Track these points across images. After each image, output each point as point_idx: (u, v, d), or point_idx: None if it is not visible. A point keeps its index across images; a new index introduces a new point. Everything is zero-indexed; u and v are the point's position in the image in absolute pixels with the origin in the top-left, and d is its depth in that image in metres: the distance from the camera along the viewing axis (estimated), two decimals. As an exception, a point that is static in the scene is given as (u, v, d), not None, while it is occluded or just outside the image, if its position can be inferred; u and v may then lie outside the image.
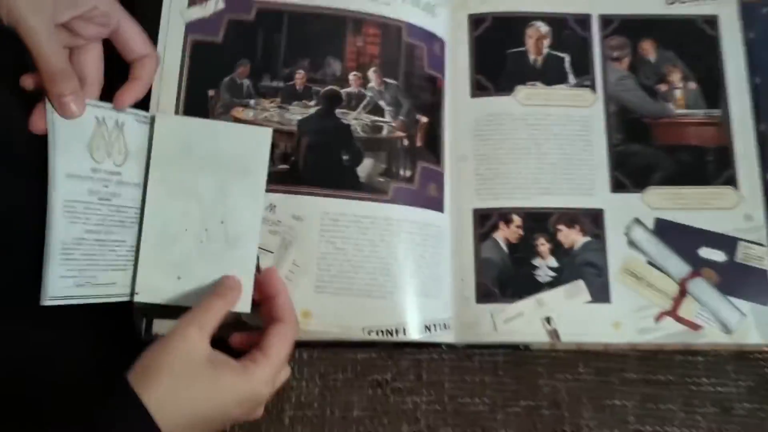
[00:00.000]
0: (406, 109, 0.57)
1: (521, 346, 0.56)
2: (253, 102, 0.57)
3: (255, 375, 0.46)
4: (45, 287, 0.46)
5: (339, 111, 0.57)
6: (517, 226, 0.57)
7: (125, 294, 0.51)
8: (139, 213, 0.51)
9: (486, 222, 0.57)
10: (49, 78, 0.46)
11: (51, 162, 0.47)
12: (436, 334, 0.54)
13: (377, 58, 0.57)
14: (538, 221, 0.57)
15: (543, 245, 0.57)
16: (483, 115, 0.59)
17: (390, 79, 0.57)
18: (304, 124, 0.56)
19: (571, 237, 0.57)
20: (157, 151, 0.52)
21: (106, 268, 0.50)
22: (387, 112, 0.57)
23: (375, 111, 0.57)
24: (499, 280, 0.56)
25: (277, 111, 0.56)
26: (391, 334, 0.53)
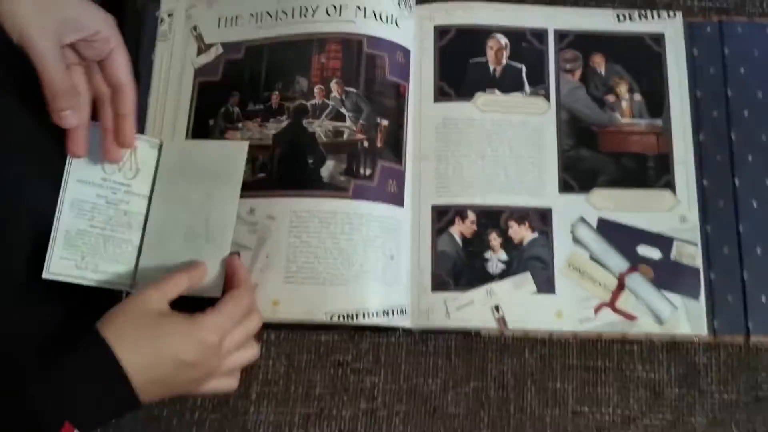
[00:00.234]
0: (366, 113, 0.62)
1: (473, 333, 0.61)
2: (240, 125, 0.63)
3: (201, 320, 0.51)
4: (47, 263, 0.55)
5: (305, 121, 0.62)
6: (472, 222, 0.62)
7: (126, 285, 0.58)
8: (144, 219, 0.60)
9: (443, 217, 0.62)
10: (53, 95, 0.51)
11: (66, 168, 0.57)
12: (393, 318, 0.59)
13: (339, 71, 0.62)
14: (491, 218, 0.62)
15: (495, 240, 0.62)
16: (444, 119, 0.64)
17: (351, 88, 0.62)
18: (278, 137, 0.62)
19: (521, 233, 0.62)
20: (162, 169, 0.61)
21: (109, 260, 0.58)
22: (348, 118, 0.62)
23: (337, 117, 0.62)
24: (453, 271, 0.61)
25: (257, 129, 0.63)
26: (352, 318, 0.58)
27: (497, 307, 0.60)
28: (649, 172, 0.64)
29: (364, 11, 0.63)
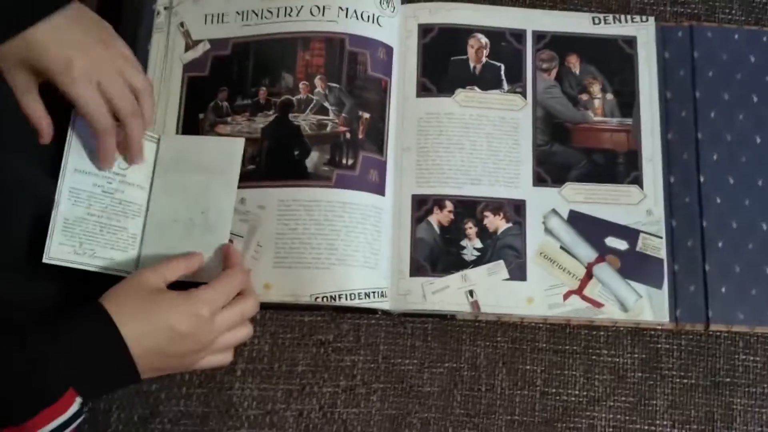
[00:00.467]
0: (348, 107, 0.65)
1: (448, 316, 0.64)
2: (230, 119, 0.66)
3: (194, 294, 0.54)
4: (47, 249, 0.58)
5: (291, 115, 0.65)
6: (449, 211, 0.65)
7: (125, 271, 0.61)
8: (140, 208, 0.63)
9: (423, 206, 0.65)
10: (98, 134, 0.58)
11: (64, 158, 0.60)
12: (373, 301, 0.62)
13: (322, 67, 0.66)
14: (468, 208, 0.65)
15: (470, 229, 0.65)
16: (426, 113, 0.67)
17: (334, 83, 0.66)
18: (266, 131, 0.65)
19: (496, 223, 0.65)
20: (160, 162, 0.64)
21: (105, 246, 0.60)
22: (331, 111, 0.65)
23: (321, 111, 0.65)
24: (430, 257, 0.64)
25: (246, 123, 0.66)
26: (334, 300, 0.61)
27: (471, 292, 0.63)
28: (619, 167, 0.67)
29: (346, 11, 0.66)
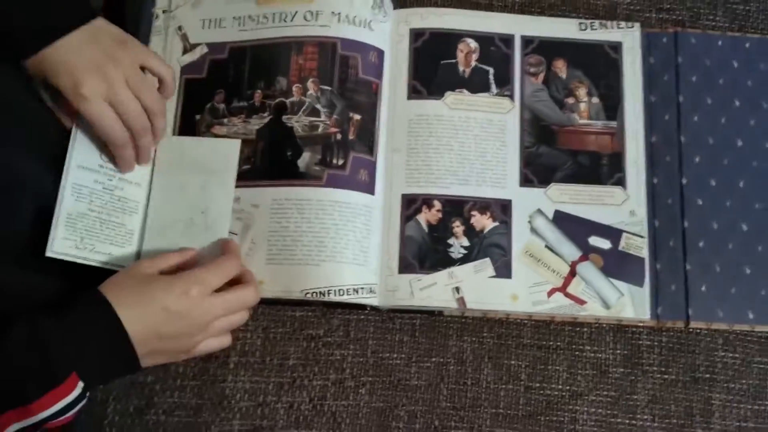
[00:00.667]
0: (339, 109, 0.67)
1: (435, 312, 0.66)
2: (226, 120, 0.68)
3: (185, 274, 0.57)
4: (50, 243, 0.59)
5: (285, 117, 0.67)
6: (437, 210, 0.67)
7: (122, 266, 0.62)
8: (138, 205, 0.65)
9: (412, 205, 0.67)
10: (115, 148, 0.62)
11: (68, 155, 0.62)
12: (362, 296, 0.64)
13: (315, 71, 0.68)
14: (456, 207, 0.67)
15: (458, 227, 0.67)
16: (416, 115, 0.69)
17: (326, 86, 0.68)
18: (260, 132, 0.67)
19: (483, 222, 0.67)
20: (159, 162, 0.66)
21: (105, 241, 0.62)
22: (323, 113, 0.67)
23: (313, 113, 0.67)
24: (418, 255, 0.66)
25: (242, 124, 0.68)
26: (324, 295, 0.63)
27: (457, 289, 0.65)
28: (603, 169, 0.69)
29: (338, 16, 0.68)
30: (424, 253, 0.66)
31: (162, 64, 0.64)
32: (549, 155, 0.69)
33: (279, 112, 0.68)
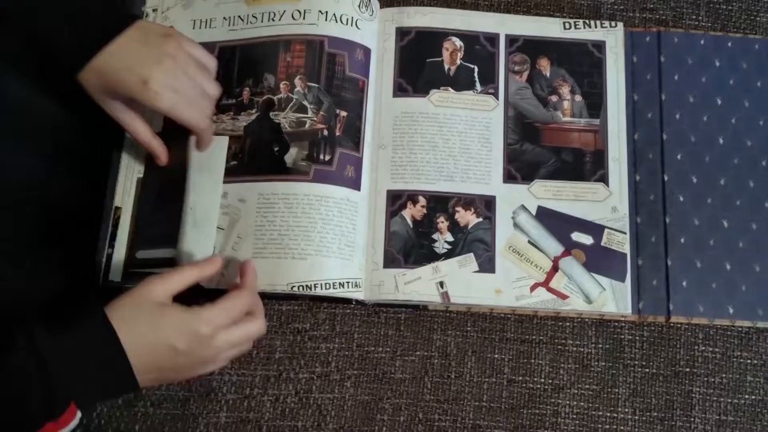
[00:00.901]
0: (326, 105, 0.68)
1: (420, 307, 0.67)
2: (215, 117, 0.68)
3: (197, 312, 0.55)
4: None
5: (272, 114, 0.68)
6: (422, 206, 0.68)
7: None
8: None
9: (397, 201, 0.68)
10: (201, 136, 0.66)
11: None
12: (348, 290, 0.65)
13: (302, 68, 0.69)
14: (440, 203, 0.68)
15: (442, 223, 0.68)
16: (401, 112, 0.70)
17: (312, 83, 0.69)
18: (248, 129, 0.68)
19: (467, 217, 0.68)
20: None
21: None
22: (310, 110, 0.68)
23: (300, 109, 0.68)
24: (403, 250, 0.67)
25: (230, 121, 0.68)
26: (310, 289, 0.64)
27: (441, 283, 0.66)
28: (586, 166, 0.70)
29: (326, 15, 0.69)
30: (409, 248, 0.67)
31: (206, 53, 0.64)
32: (533, 152, 0.70)
33: (267, 109, 0.69)
